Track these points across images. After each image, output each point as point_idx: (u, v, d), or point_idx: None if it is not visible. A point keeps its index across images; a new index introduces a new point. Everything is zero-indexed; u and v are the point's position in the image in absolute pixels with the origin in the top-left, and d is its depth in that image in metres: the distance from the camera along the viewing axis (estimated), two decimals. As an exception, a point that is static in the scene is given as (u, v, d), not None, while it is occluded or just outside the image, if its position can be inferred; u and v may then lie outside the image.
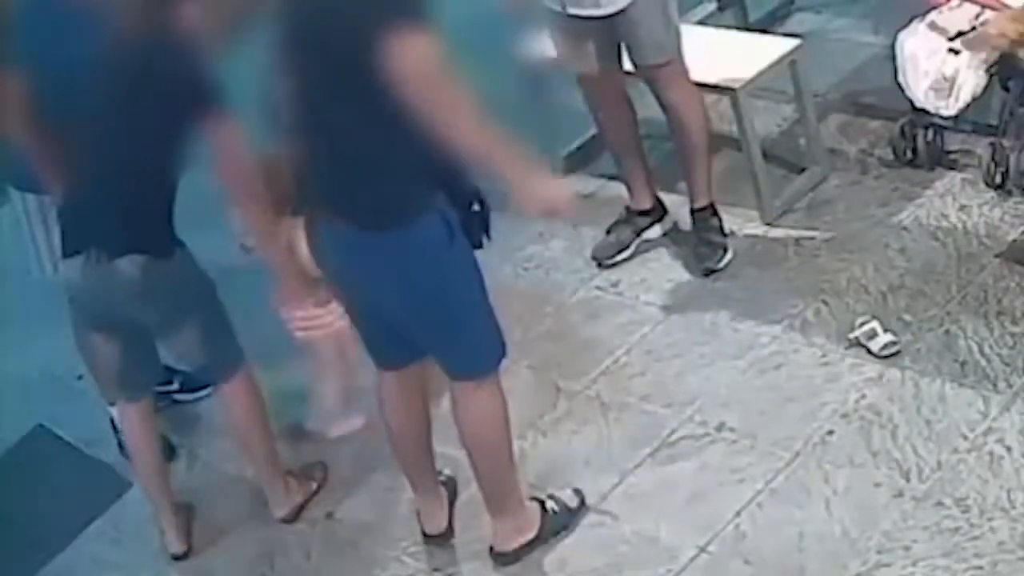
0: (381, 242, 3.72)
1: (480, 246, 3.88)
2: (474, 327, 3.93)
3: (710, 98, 5.48)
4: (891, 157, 5.49)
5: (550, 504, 4.28)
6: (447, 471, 4.42)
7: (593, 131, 5.82)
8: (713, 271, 5.16)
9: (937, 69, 5.17)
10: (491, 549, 4.24)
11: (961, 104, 5.17)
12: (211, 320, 4.38)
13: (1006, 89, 5.19)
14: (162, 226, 4.19)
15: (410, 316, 3.89)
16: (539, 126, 5.93)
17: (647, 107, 5.36)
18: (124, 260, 4.12)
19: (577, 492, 4.33)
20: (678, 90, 5.07)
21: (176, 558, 4.67)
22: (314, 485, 4.69)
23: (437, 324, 3.89)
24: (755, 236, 5.28)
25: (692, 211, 5.30)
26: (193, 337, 4.35)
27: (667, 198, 5.48)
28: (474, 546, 4.31)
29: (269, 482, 4.63)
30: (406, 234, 3.70)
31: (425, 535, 4.37)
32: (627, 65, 5.12)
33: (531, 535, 4.22)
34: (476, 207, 3.81)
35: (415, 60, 3.46)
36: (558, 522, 4.27)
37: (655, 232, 5.42)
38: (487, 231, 3.87)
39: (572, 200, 3.81)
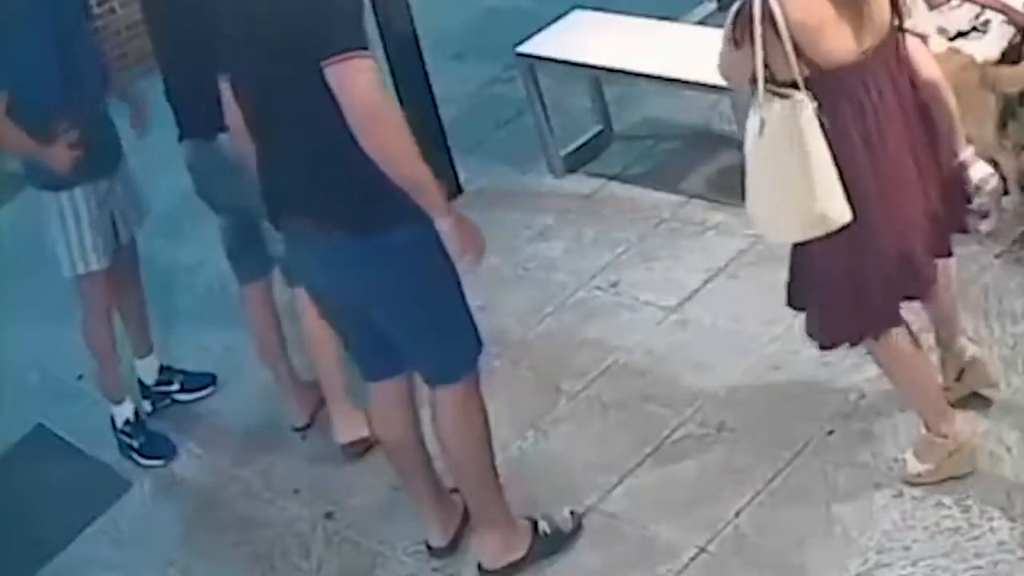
0: (359, 247, 3.70)
1: None
2: (452, 331, 3.90)
3: (710, 98, 5.49)
4: (891, 157, 5.47)
5: (542, 525, 4.21)
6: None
7: (593, 131, 5.82)
8: None
9: (937, 69, 5.15)
10: (479, 566, 4.20)
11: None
12: None
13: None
14: None
15: (388, 320, 3.87)
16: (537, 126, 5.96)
17: (648, 107, 5.37)
18: (221, 137, 4.23)
19: (574, 514, 4.26)
20: None
21: (298, 429, 4.92)
22: None
23: (415, 327, 3.86)
24: (755, 236, 5.26)
25: None
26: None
27: (666, 198, 5.48)
28: (475, 547, 4.30)
29: (331, 403, 4.77)
30: (384, 238, 3.67)
31: (428, 546, 4.34)
32: None
33: (519, 555, 4.16)
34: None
35: (350, 86, 3.48)
36: (549, 545, 4.19)
37: None
38: None
39: (482, 243, 3.77)
